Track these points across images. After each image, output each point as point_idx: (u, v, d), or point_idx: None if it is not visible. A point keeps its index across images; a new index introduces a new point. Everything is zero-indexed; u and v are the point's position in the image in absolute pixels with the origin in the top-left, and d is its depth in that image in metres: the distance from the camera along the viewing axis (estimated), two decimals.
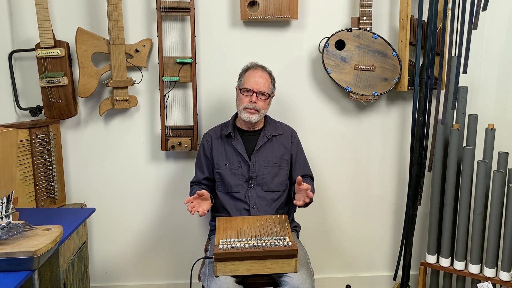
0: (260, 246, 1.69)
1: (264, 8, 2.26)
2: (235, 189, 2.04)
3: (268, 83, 2.01)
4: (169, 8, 2.24)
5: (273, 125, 2.13)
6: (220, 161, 2.06)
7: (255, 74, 2.00)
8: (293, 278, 1.70)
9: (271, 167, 2.05)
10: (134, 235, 2.53)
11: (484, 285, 2.14)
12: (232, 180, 2.04)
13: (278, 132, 2.11)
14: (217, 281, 1.69)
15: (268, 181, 2.04)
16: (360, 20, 2.29)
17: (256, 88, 1.97)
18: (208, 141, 2.11)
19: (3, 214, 1.50)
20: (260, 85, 1.98)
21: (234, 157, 2.05)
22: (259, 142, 2.05)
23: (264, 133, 2.07)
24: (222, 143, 2.08)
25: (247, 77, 2.01)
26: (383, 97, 2.48)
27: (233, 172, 2.04)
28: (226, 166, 2.05)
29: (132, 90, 2.34)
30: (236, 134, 2.07)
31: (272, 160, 2.05)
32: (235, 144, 2.05)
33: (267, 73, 2.04)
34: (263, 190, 2.04)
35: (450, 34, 2.11)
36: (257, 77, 1.99)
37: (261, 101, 1.99)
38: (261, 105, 1.99)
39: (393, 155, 2.55)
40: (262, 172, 2.03)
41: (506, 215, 2.06)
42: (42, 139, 2.20)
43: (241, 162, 2.04)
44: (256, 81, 1.98)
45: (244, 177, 2.03)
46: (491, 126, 2.15)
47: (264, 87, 1.99)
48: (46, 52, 2.18)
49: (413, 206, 2.35)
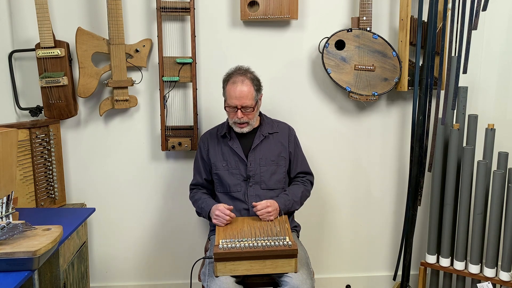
0: (260, 246, 1.69)
1: (264, 8, 2.26)
2: (233, 189, 2.04)
3: (250, 93, 1.94)
4: (169, 8, 2.24)
5: (269, 123, 2.13)
6: (217, 162, 2.06)
7: (235, 90, 1.93)
8: (293, 278, 1.70)
9: (269, 165, 2.05)
10: (134, 235, 2.53)
11: (484, 285, 2.14)
12: (230, 180, 2.04)
13: (275, 130, 2.11)
14: (217, 281, 1.69)
15: (266, 179, 2.04)
16: (360, 20, 2.28)
17: (239, 104, 1.94)
18: (205, 143, 2.12)
19: (3, 214, 1.50)
20: (242, 100, 1.93)
21: (231, 156, 2.05)
22: (256, 141, 2.05)
23: (260, 131, 2.07)
24: (219, 144, 2.08)
25: (228, 92, 1.97)
26: (383, 97, 2.48)
27: (231, 172, 2.04)
28: (224, 166, 2.05)
29: (132, 90, 2.34)
30: (232, 134, 2.07)
31: (270, 158, 2.05)
32: (231, 144, 2.05)
33: (248, 81, 1.96)
34: (261, 188, 2.03)
35: (450, 34, 2.11)
36: (237, 92, 1.93)
37: (248, 114, 1.97)
38: (249, 117, 1.98)
39: (393, 155, 2.55)
40: (260, 170, 2.03)
41: (506, 215, 2.06)
42: (42, 139, 2.20)
43: (238, 161, 2.04)
44: (237, 96, 1.93)
45: (242, 176, 2.04)
46: (491, 126, 2.15)
47: (247, 100, 1.94)
48: (46, 52, 2.18)
49: (413, 206, 2.35)
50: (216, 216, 1.91)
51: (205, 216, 2.02)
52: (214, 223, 1.93)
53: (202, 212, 2.03)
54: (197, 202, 2.07)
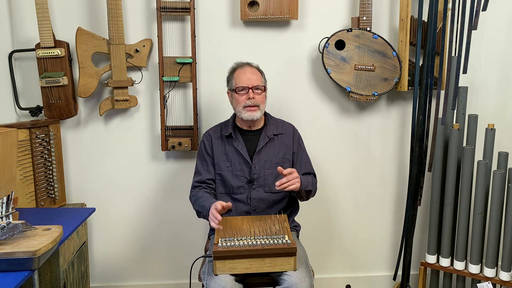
0: (259, 244, 1.69)
1: (264, 8, 2.26)
2: (236, 191, 2.01)
3: (259, 77, 2.00)
4: (169, 8, 2.24)
5: (274, 124, 2.09)
6: (221, 162, 2.03)
7: (245, 71, 1.99)
8: (292, 276, 1.70)
9: (273, 167, 2.01)
10: (134, 235, 2.53)
11: (484, 285, 2.14)
12: (234, 181, 2.01)
13: (280, 131, 2.08)
14: (216, 279, 1.69)
15: (270, 182, 2.01)
16: (360, 20, 2.28)
17: (250, 84, 1.95)
18: (209, 140, 2.07)
19: (3, 214, 1.50)
20: (253, 80, 1.96)
21: (236, 158, 2.02)
22: (261, 143, 2.02)
23: (265, 132, 2.04)
24: (222, 144, 2.05)
25: (237, 76, 1.99)
26: (383, 97, 2.48)
27: (235, 174, 2.01)
28: (228, 167, 2.02)
29: (132, 90, 2.34)
30: (237, 134, 2.04)
31: (274, 161, 2.02)
32: (236, 145, 2.02)
33: (255, 68, 2.03)
34: (265, 191, 2.01)
35: (450, 34, 2.11)
36: (248, 74, 1.98)
37: (258, 95, 1.97)
38: (260, 99, 1.97)
39: (393, 155, 2.55)
40: (264, 173, 2.01)
41: (506, 215, 2.06)
42: (42, 139, 2.20)
43: (243, 163, 2.01)
44: (248, 77, 1.97)
45: (246, 179, 2.01)
46: (491, 126, 2.15)
47: (258, 81, 1.98)
48: (46, 52, 2.18)
49: (413, 206, 2.35)
50: (210, 218, 1.82)
51: (205, 215, 1.93)
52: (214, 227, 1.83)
53: (203, 210, 1.93)
54: (199, 200, 1.96)
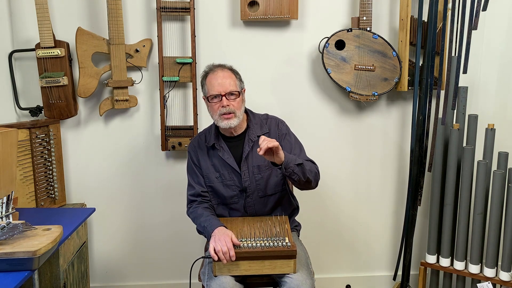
0: (259, 246, 1.69)
1: (264, 8, 2.26)
2: (230, 201, 1.96)
3: (233, 80, 1.86)
4: (169, 8, 2.24)
5: (258, 123, 1.97)
6: (210, 173, 1.94)
7: (216, 77, 1.85)
8: (293, 278, 1.69)
9: (263, 171, 1.94)
10: (134, 235, 2.53)
11: (484, 285, 2.14)
12: (226, 191, 1.94)
13: (264, 130, 1.96)
14: (217, 279, 1.69)
15: (262, 186, 1.95)
16: (360, 20, 2.28)
17: (223, 91, 1.82)
18: (195, 151, 1.99)
19: (3, 214, 1.50)
20: (225, 86, 1.83)
21: (224, 168, 1.92)
22: (246, 148, 1.91)
23: (248, 136, 1.93)
24: (208, 155, 1.95)
25: (209, 82, 1.87)
26: (383, 97, 2.48)
27: (226, 184, 1.94)
28: (217, 178, 1.94)
29: (132, 90, 2.34)
30: (221, 142, 1.93)
31: (263, 165, 1.93)
32: (222, 155, 1.91)
33: (228, 70, 1.89)
34: (260, 196, 1.96)
35: (450, 34, 2.11)
36: (220, 79, 1.84)
37: (233, 101, 1.84)
38: (236, 105, 1.84)
39: (393, 155, 2.55)
40: (255, 179, 1.93)
41: (506, 215, 2.06)
42: (42, 139, 2.20)
43: (232, 172, 1.92)
44: (220, 83, 1.83)
45: (238, 187, 1.94)
46: (491, 126, 2.15)
47: (231, 86, 1.84)
48: (46, 52, 2.18)
49: (413, 206, 2.35)
50: (218, 251, 1.65)
51: (206, 237, 1.84)
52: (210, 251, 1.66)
53: (204, 232, 1.84)
54: (199, 219, 1.87)
